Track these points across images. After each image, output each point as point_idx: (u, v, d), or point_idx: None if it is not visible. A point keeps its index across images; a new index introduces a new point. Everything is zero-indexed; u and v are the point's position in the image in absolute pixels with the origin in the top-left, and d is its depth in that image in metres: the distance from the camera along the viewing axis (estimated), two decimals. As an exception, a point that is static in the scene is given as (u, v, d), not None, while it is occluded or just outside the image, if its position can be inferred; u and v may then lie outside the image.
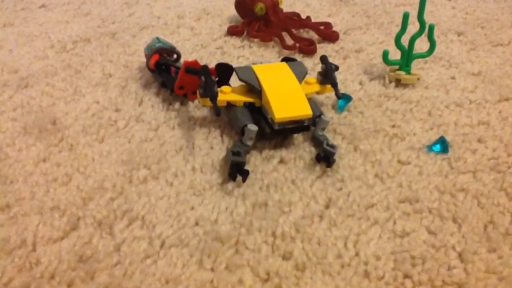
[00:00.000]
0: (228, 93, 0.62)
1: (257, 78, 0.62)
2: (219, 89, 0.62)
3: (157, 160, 0.60)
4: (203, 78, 0.60)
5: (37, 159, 0.60)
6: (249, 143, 0.59)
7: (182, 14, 0.96)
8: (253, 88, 0.62)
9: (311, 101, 0.63)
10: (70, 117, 0.67)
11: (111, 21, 0.93)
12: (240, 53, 0.83)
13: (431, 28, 0.73)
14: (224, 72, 0.67)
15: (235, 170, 0.56)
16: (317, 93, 0.66)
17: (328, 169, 0.58)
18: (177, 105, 0.69)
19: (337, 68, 0.67)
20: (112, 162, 0.60)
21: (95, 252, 0.49)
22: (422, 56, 0.76)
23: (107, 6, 0.99)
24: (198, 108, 0.68)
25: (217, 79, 0.67)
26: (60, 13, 0.96)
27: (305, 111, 0.59)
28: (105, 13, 0.96)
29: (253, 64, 0.66)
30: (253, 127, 0.58)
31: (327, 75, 0.64)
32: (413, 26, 0.73)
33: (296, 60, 0.68)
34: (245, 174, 0.56)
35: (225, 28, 0.89)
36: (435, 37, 0.88)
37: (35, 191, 0.55)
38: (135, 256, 0.48)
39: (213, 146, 0.62)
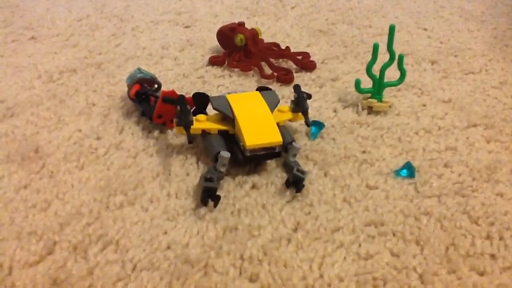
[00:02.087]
0: (203, 122, 0.65)
1: (230, 107, 0.65)
2: (194, 117, 0.64)
3: (134, 186, 0.62)
4: (179, 107, 0.63)
5: (18, 186, 0.62)
6: (222, 169, 0.61)
7: (166, 45, 0.99)
8: (227, 116, 0.65)
9: (283, 128, 0.66)
10: (52, 145, 0.69)
11: (97, 52, 0.96)
12: (220, 82, 0.86)
13: (401, 58, 0.77)
14: (200, 101, 0.70)
15: (207, 196, 0.58)
16: (290, 120, 0.69)
17: (298, 194, 0.61)
18: (156, 133, 0.71)
19: (309, 96, 0.70)
20: (90, 188, 0.62)
21: (69, 276, 0.50)
22: (392, 84, 0.79)
23: (95, 38, 1.02)
24: (176, 136, 0.71)
25: (194, 108, 0.70)
26: (49, 44, 1.00)
27: (275, 138, 0.61)
28: (92, 44, 0.99)
29: (228, 93, 0.69)
30: (225, 154, 0.61)
31: (299, 103, 0.67)
32: (387, 55, 0.77)
33: (270, 89, 0.71)
34: (216, 200, 0.58)
35: (207, 58, 0.93)
36: (409, 66, 0.92)
37: (14, 217, 0.57)
38: (107, 279, 0.50)
39: (189, 172, 0.65)
